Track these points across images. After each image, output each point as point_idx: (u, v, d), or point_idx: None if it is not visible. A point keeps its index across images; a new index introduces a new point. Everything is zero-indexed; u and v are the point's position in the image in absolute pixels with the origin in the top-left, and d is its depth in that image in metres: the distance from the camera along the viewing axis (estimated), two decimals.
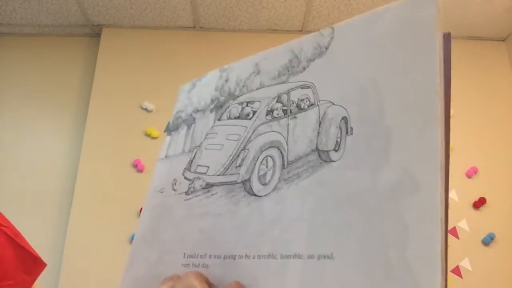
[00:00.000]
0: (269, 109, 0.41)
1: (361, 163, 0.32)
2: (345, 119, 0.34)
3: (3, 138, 2.16)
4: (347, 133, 0.34)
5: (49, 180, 2.07)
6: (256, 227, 0.35)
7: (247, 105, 0.43)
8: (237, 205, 0.37)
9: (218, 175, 0.40)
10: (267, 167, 0.38)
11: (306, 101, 0.39)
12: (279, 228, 0.34)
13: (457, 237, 1.89)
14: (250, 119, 0.42)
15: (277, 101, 0.41)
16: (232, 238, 0.36)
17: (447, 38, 0.32)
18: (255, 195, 0.37)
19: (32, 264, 0.85)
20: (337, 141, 0.34)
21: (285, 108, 0.40)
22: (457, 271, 1.87)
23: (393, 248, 0.27)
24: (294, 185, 0.35)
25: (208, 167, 0.42)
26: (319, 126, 0.36)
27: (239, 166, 0.39)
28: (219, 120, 0.45)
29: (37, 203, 2.03)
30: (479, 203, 1.94)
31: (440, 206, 0.26)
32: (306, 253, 0.31)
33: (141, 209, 1.91)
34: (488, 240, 1.89)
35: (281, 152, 0.38)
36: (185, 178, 0.43)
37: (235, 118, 0.43)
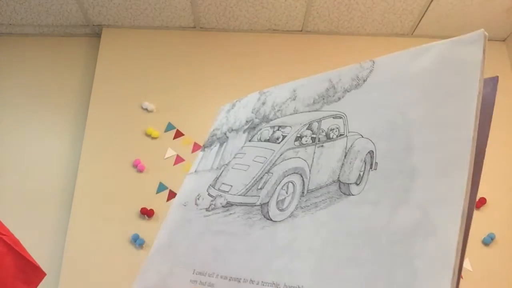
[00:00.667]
0: (299, 135, 0.41)
1: (381, 199, 0.31)
2: (371, 153, 0.34)
3: (3, 138, 2.16)
4: (371, 167, 0.33)
5: (49, 180, 2.07)
6: (266, 253, 0.35)
7: (278, 129, 0.43)
8: (252, 228, 0.37)
9: (239, 195, 0.41)
10: (287, 192, 0.38)
11: (336, 131, 0.38)
12: (288, 256, 0.33)
13: None
14: (279, 143, 0.42)
15: (307, 128, 0.41)
16: (241, 261, 0.36)
17: (491, 82, 0.30)
18: (271, 219, 0.37)
19: (32, 273, 0.83)
20: (359, 175, 0.34)
21: (314, 136, 0.40)
22: None
23: None
24: (310, 214, 0.34)
25: (231, 186, 0.42)
26: (344, 157, 0.36)
27: (261, 188, 0.39)
28: (250, 141, 0.45)
29: (37, 203, 2.03)
30: (479, 203, 1.94)
31: (454, 255, 0.25)
32: (309, 286, 0.30)
33: (141, 209, 1.92)
34: (488, 240, 1.89)
35: (303, 180, 0.37)
36: (208, 194, 0.44)
37: (265, 140, 0.44)
